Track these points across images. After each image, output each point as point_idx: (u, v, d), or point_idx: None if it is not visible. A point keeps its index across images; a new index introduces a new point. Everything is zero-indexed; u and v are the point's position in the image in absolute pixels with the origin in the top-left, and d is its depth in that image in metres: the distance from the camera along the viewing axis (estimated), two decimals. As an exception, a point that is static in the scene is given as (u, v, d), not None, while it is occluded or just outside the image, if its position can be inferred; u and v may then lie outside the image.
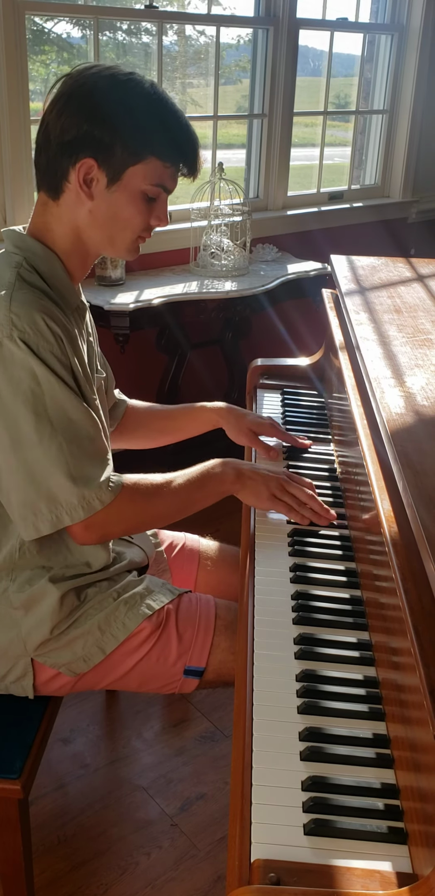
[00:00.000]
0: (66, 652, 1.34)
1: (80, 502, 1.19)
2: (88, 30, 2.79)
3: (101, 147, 1.20)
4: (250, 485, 1.38)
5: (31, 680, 1.35)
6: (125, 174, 1.22)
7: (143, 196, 1.25)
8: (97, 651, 1.35)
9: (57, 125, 1.21)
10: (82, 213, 1.25)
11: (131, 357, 2.77)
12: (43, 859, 1.71)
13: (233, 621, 1.40)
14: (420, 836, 0.81)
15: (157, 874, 1.70)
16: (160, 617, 1.38)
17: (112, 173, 1.22)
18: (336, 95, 3.99)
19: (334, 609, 1.20)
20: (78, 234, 1.27)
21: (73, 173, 1.22)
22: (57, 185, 1.24)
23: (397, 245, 3.83)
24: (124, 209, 1.25)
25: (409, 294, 1.76)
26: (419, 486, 0.99)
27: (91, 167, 1.21)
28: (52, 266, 1.26)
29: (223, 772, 1.94)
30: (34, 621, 1.31)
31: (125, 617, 1.35)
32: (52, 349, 1.17)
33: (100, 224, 1.26)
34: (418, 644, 0.85)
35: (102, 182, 1.23)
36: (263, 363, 1.98)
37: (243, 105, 3.56)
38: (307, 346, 2.85)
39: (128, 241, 1.29)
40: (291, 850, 0.83)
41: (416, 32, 3.71)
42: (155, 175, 1.24)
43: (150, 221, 1.29)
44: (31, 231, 1.29)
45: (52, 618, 1.30)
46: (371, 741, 0.97)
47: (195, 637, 1.38)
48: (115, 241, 1.29)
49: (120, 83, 1.21)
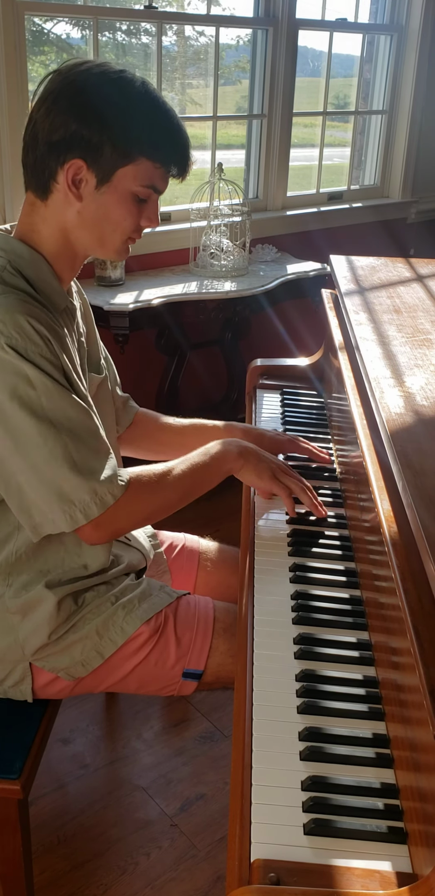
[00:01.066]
0: (65, 656, 1.33)
1: (93, 498, 1.18)
2: (88, 30, 2.79)
3: (90, 148, 1.17)
4: (253, 462, 1.38)
5: (29, 684, 1.35)
6: (115, 175, 1.20)
7: (134, 197, 1.23)
8: (96, 655, 1.34)
9: (45, 124, 1.18)
10: (71, 214, 1.23)
11: (131, 357, 2.77)
12: (43, 859, 1.71)
13: (231, 624, 1.40)
14: (420, 836, 0.81)
15: (157, 874, 1.70)
16: (158, 620, 1.37)
17: (101, 174, 1.19)
18: (335, 96, 3.99)
19: (334, 609, 1.20)
20: (66, 236, 1.25)
21: (61, 174, 1.19)
22: (45, 186, 1.22)
23: (397, 245, 3.83)
24: (114, 211, 1.23)
25: (408, 294, 1.76)
26: (419, 485, 0.99)
27: (80, 168, 1.19)
28: (38, 268, 1.24)
29: (223, 772, 1.94)
30: (31, 626, 1.30)
31: (123, 621, 1.34)
32: (40, 351, 1.15)
33: (89, 225, 1.24)
34: (418, 644, 0.85)
35: (91, 183, 1.20)
36: (263, 363, 1.98)
37: (243, 105, 3.56)
38: (307, 346, 2.85)
39: (117, 243, 1.27)
40: (291, 850, 0.83)
41: (415, 33, 3.71)
42: (145, 176, 1.22)
43: (141, 222, 1.26)
44: (18, 232, 1.27)
45: (49, 623, 1.29)
46: (371, 741, 0.97)
47: (193, 640, 1.38)
48: (104, 242, 1.26)
49: (110, 81, 1.18)
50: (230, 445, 1.39)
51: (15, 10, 2.43)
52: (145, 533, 1.60)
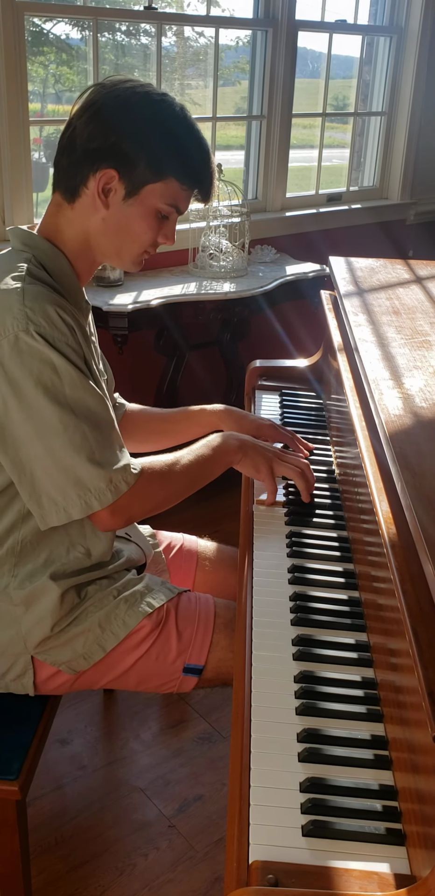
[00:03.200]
0: (67, 649, 1.34)
1: (108, 486, 1.22)
2: (87, 31, 2.79)
3: (125, 160, 1.23)
4: (251, 454, 1.44)
5: (31, 678, 1.36)
6: (143, 190, 1.26)
7: (157, 213, 1.28)
8: (97, 649, 1.35)
9: (85, 131, 1.23)
10: (95, 220, 1.28)
11: (130, 358, 2.77)
12: (40, 860, 1.70)
13: (232, 619, 1.41)
14: (418, 838, 0.81)
15: (155, 875, 1.69)
16: (160, 615, 1.38)
17: (131, 187, 1.25)
18: (335, 97, 4.00)
19: (333, 610, 1.20)
20: (87, 240, 1.30)
21: (92, 180, 1.25)
22: (75, 189, 1.27)
23: (396, 247, 3.83)
24: (137, 223, 1.28)
25: (407, 296, 1.76)
26: (418, 487, 0.99)
27: (112, 178, 1.24)
28: (61, 264, 1.29)
29: (221, 773, 1.94)
30: (35, 618, 1.31)
31: (125, 615, 1.36)
32: (67, 340, 1.19)
33: (111, 234, 1.29)
34: (417, 645, 0.85)
35: (120, 194, 1.26)
36: (262, 364, 1.98)
37: (242, 106, 3.56)
38: (306, 347, 2.85)
39: (135, 254, 1.32)
40: (289, 852, 0.83)
41: (414, 34, 3.71)
42: (171, 195, 1.28)
43: (158, 238, 1.32)
44: (41, 230, 1.31)
45: (52, 615, 1.31)
46: (369, 742, 0.97)
47: (195, 635, 1.39)
48: (122, 252, 1.32)
49: (153, 102, 1.25)
50: (230, 438, 1.45)
51: (14, 11, 2.43)
52: (144, 532, 1.61)
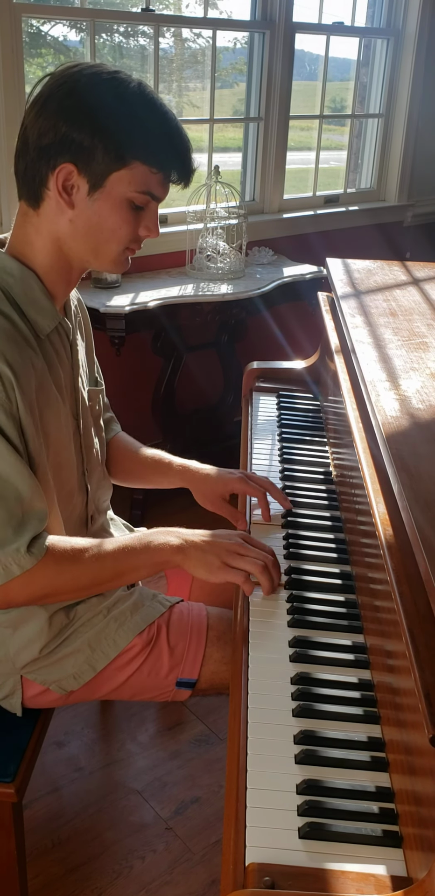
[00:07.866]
0: (56, 670, 1.32)
1: None
2: (85, 32, 2.79)
3: (80, 151, 1.12)
4: (196, 555, 1.22)
5: (19, 699, 1.33)
6: (108, 180, 1.14)
7: (129, 204, 1.17)
8: (88, 669, 1.32)
9: (35, 128, 1.13)
10: (63, 223, 1.17)
11: (127, 360, 2.77)
12: (37, 863, 1.70)
13: (225, 631, 1.38)
14: (415, 840, 0.81)
15: (152, 878, 1.69)
16: (151, 632, 1.35)
17: (94, 179, 1.14)
18: (332, 99, 4.00)
19: (329, 612, 1.19)
20: (59, 247, 1.20)
21: (51, 180, 1.14)
22: (36, 193, 1.17)
23: (393, 248, 3.84)
24: (108, 218, 1.17)
25: (404, 297, 1.76)
26: (414, 488, 0.99)
27: (70, 173, 1.13)
28: (28, 287, 1.19)
29: (218, 775, 1.93)
30: (23, 641, 1.28)
31: (116, 634, 1.33)
32: None
33: (82, 235, 1.18)
34: (413, 647, 0.85)
35: (83, 189, 1.15)
36: (259, 366, 1.98)
37: (239, 108, 3.56)
38: (303, 349, 2.85)
39: (113, 254, 1.21)
40: (286, 854, 0.83)
41: (411, 37, 3.72)
42: (141, 181, 1.16)
43: (139, 232, 1.21)
44: (10, 246, 1.22)
45: (40, 638, 1.28)
46: (366, 744, 0.97)
47: (187, 649, 1.36)
48: (99, 252, 1.21)
49: (102, 81, 1.13)
50: (170, 535, 1.25)
51: (12, 12, 2.43)
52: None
